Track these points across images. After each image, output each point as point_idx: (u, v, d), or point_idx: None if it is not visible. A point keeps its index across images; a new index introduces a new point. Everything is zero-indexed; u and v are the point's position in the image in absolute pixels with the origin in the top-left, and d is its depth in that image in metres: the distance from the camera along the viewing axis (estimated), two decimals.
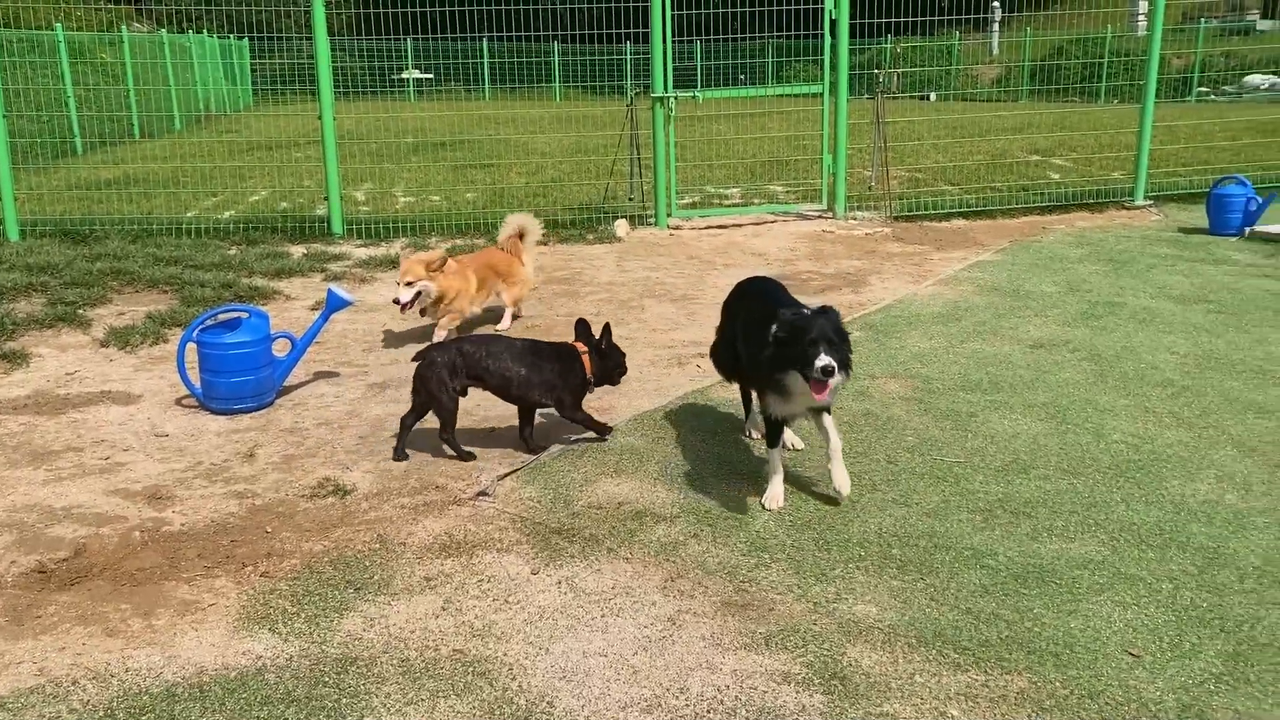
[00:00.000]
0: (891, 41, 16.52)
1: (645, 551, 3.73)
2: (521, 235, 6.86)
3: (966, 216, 10.74)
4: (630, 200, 11.28)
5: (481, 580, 3.55)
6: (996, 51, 26.94)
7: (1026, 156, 14.60)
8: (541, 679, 2.98)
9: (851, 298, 7.46)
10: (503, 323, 6.84)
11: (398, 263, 8.51)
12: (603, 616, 3.31)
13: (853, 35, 10.41)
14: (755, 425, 4.70)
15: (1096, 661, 3.01)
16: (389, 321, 6.99)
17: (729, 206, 11.52)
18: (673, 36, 10.17)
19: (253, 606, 3.39)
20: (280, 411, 5.33)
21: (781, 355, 3.82)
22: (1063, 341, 6.24)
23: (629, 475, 4.41)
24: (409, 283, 6.06)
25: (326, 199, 10.08)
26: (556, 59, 30.50)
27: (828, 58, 10.41)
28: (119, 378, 5.90)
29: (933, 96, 24.58)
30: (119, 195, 11.52)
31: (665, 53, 10.04)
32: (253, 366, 5.23)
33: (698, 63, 22.86)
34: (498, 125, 19.63)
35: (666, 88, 10.11)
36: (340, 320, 6.76)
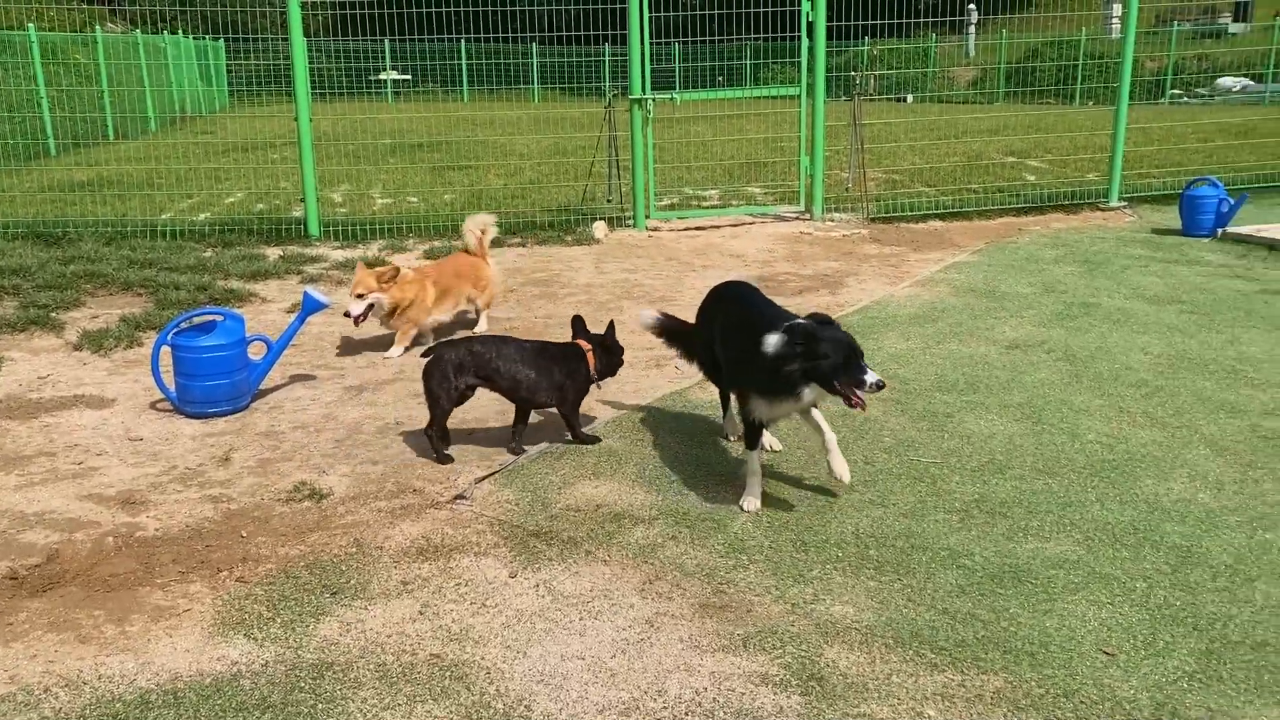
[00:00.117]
0: (868, 44, 16.57)
1: (623, 554, 3.72)
2: (483, 235, 6.84)
3: (943, 218, 10.80)
4: (609, 202, 11.28)
5: (459, 584, 3.54)
6: (973, 54, 27.09)
7: (1002, 158, 14.70)
8: (519, 683, 2.97)
9: (829, 299, 7.49)
10: (479, 326, 6.82)
11: (376, 265, 8.49)
12: (581, 619, 3.30)
13: (830, 37, 10.46)
14: (734, 428, 4.70)
15: (1072, 660, 3.03)
16: (367, 326, 6.94)
17: (707, 208, 11.54)
18: (650, 38, 10.19)
19: (228, 612, 3.37)
20: (256, 415, 5.30)
21: (814, 368, 3.76)
22: (1038, 342, 6.28)
23: (607, 477, 4.41)
24: (360, 295, 6.05)
25: (303, 201, 10.03)
26: (534, 60, 30.48)
27: (805, 60, 10.45)
28: (92, 381, 5.84)
29: (910, 98, 24.71)
30: (93, 197, 11.42)
31: (643, 54, 10.05)
32: (228, 370, 5.20)
33: (676, 64, 22.88)
34: (476, 126, 19.58)
35: (644, 89, 10.12)
36: (316, 323, 6.72)
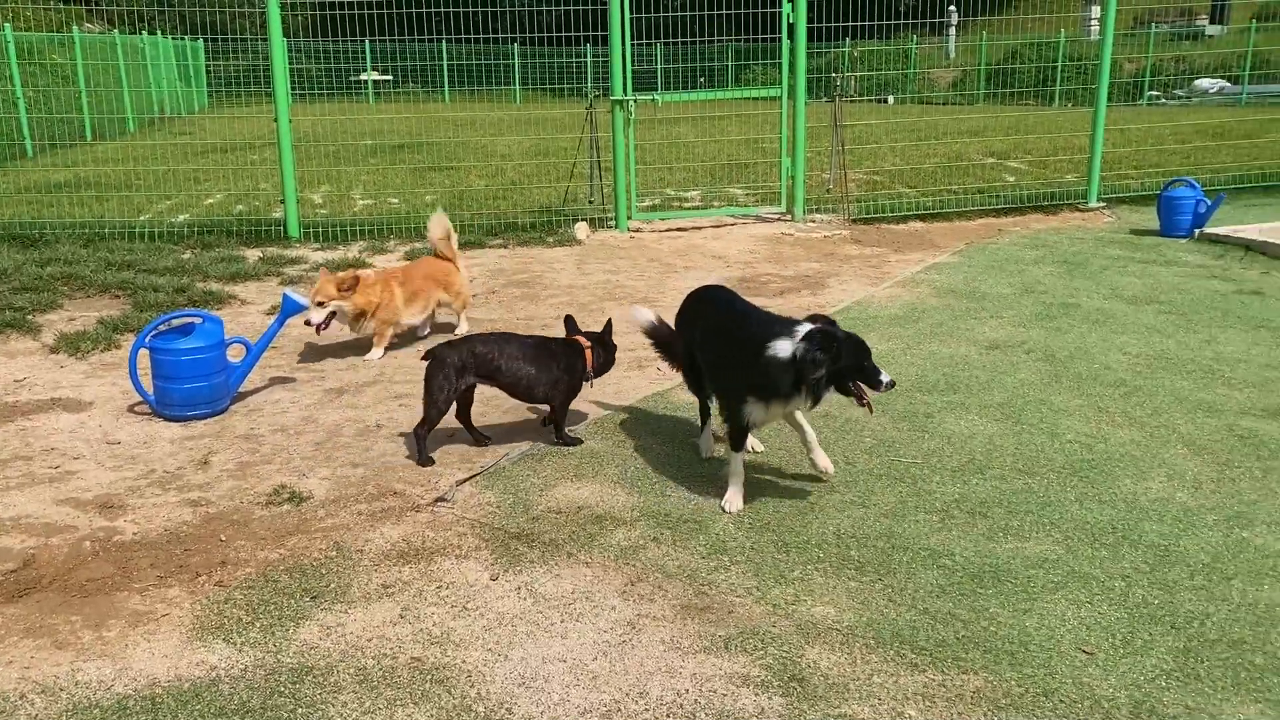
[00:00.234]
0: (849, 45, 16.63)
1: (605, 556, 3.72)
2: (447, 235, 6.77)
3: (924, 219, 10.84)
4: (590, 203, 11.27)
5: (440, 587, 3.53)
6: (953, 55, 27.24)
7: (983, 159, 14.77)
8: (500, 686, 2.96)
9: (810, 300, 7.50)
10: (459, 329, 6.79)
11: (356, 267, 8.46)
12: (562, 622, 3.30)
13: (811, 39, 10.49)
14: (710, 447, 4.64)
15: (1051, 660, 3.05)
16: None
17: (689, 209, 11.55)
18: (632, 39, 10.19)
19: (207, 616, 3.35)
20: (235, 418, 5.27)
21: (836, 371, 3.88)
22: (1018, 343, 6.31)
23: (589, 479, 4.40)
24: (320, 303, 6.01)
25: (283, 202, 9.98)
26: (516, 61, 30.45)
27: (786, 61, 10.47)
28: (69, 385, 5.79)
29: (891, 99, 24.82)
30: (70, 198, 11.33)
31: (625, 55, 10.05)
32: (207, 372, 5.16)
33: (657, 66, 22.90)
34: (457, 127, 19.53)
35: (626, 90, 10.12)
36: (296, 325, 6.67)
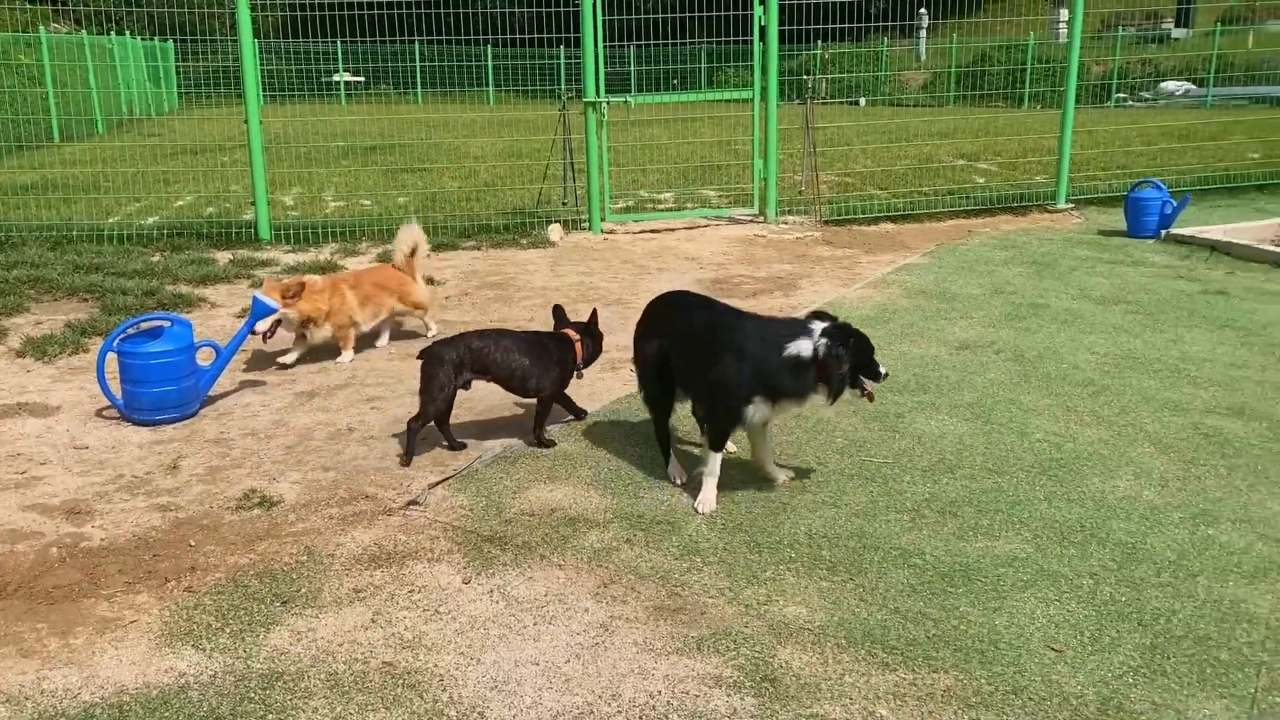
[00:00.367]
0: (821, 48, 16.71)
1: (578, 558, 3.72)
2: (413, 251, 6.65)
3: (895, 220, 10.91)
4: (564, 204, 11.26)
5: (412, 591, 3.51)
6: (924, 57, 27.42)
7: (953, 161, 14.88)
8: (472, 689, 2.96)
9: (783, 301, 7.53)
10: (430, 331, 6.76)
11: (329, 269, 8.41)
12: (535, 624, 3.29)
13: (782, 41, 10.52)
14: (680, 473, 4.38)
15: (1020, 658, 3.08)
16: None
17: (662, 211, 11.56)
18: (605, 41, 10.19)
19: (176, 622, 3.32)
20: (205, 422, 5.22)
21: (854, 366, 3.99)
22: (988, 343, 6.37)
23: (561, 481, 4.40)
24: None
25: (254, 204, 9.91)
26: (489, 62, 30.35)
27: (758, 63, 10.51)
28: (36, 389, 5.73)
29: (862, 101, 24.95)
30: (37, 200, 11.20)
31: (597, 57, 10.05)
32: (176, 376, 5.12)
33: (630, 68, 22.89)
34: (430, 129, 19.46)
35: (599, 92, 10.12)
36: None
